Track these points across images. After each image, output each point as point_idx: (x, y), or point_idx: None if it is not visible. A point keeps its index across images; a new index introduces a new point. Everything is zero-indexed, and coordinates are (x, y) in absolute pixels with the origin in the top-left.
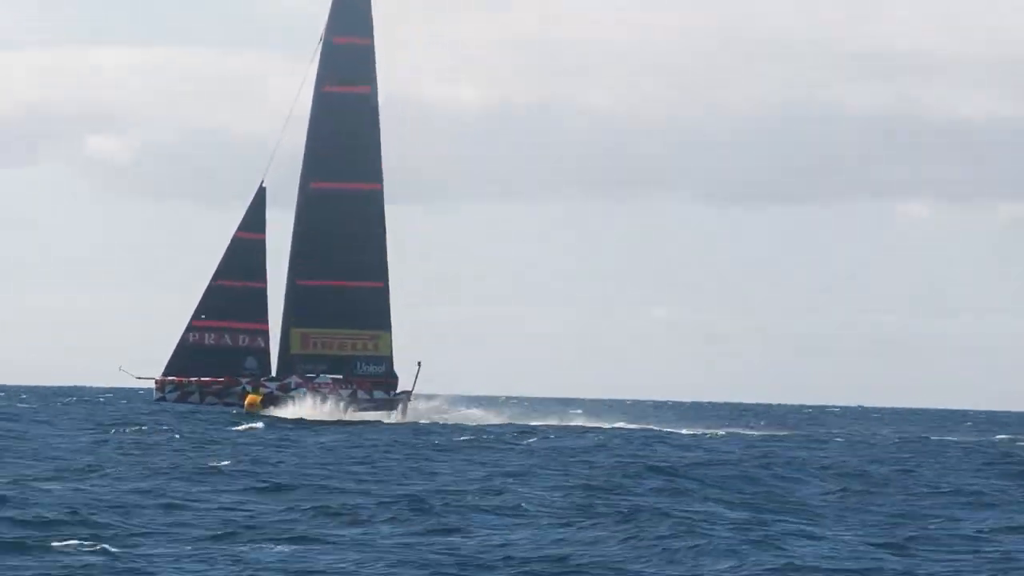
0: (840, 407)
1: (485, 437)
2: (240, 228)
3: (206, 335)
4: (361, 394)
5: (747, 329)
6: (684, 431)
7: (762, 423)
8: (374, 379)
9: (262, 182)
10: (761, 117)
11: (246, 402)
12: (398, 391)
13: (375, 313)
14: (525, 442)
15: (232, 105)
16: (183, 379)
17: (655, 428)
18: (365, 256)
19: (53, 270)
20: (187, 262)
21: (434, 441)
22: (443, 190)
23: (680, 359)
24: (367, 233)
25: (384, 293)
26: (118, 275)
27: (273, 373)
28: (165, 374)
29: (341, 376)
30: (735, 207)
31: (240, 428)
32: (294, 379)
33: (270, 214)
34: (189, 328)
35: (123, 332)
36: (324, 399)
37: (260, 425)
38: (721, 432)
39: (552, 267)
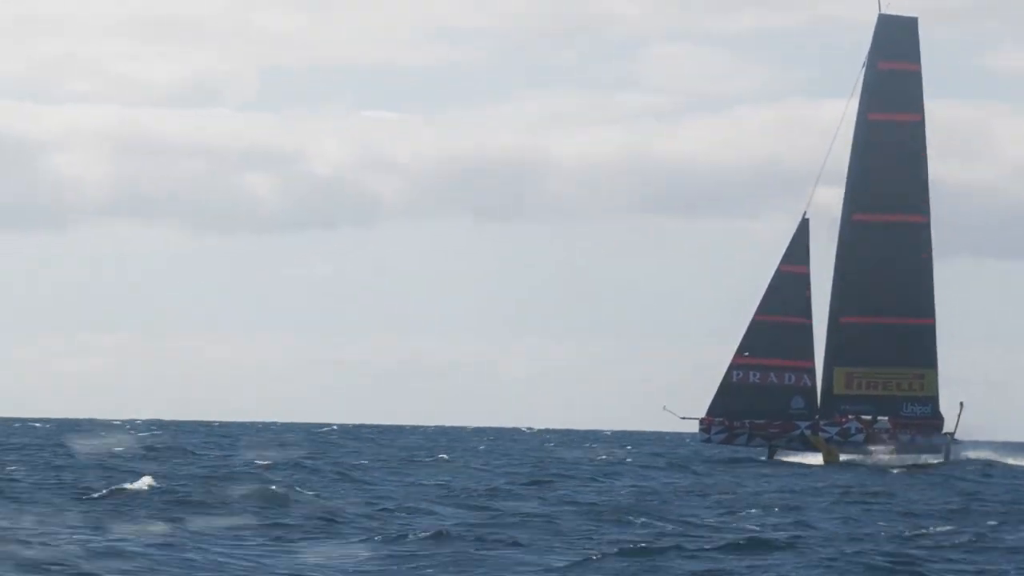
0: None
1: None
2: (783, 261)
3: (750, 373)
4: (919, 439)
5: None
6: None
7: None
8: (919, 420)
9: (804, 214)
10: None
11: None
12: (942, 433)
13: (921, 351)
14: None
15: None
16: (732, 421)
17: None
18: (911, 292)
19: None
20: None
21: None
22: None
23: None
24: (913, 268)
25: (931, 330)
26: None
27: (817, 414)
28: (709, 413)
29: (887, 417)
30: None
31: None
32: (854, 424)
33: (812, 246)
34: (733, 366)
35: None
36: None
37: None
38: None
39: None
